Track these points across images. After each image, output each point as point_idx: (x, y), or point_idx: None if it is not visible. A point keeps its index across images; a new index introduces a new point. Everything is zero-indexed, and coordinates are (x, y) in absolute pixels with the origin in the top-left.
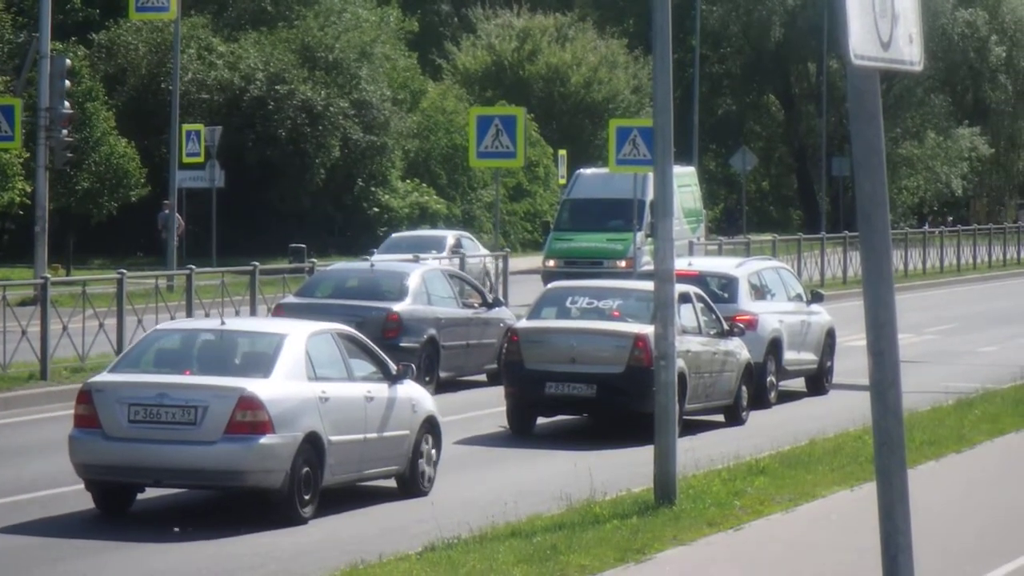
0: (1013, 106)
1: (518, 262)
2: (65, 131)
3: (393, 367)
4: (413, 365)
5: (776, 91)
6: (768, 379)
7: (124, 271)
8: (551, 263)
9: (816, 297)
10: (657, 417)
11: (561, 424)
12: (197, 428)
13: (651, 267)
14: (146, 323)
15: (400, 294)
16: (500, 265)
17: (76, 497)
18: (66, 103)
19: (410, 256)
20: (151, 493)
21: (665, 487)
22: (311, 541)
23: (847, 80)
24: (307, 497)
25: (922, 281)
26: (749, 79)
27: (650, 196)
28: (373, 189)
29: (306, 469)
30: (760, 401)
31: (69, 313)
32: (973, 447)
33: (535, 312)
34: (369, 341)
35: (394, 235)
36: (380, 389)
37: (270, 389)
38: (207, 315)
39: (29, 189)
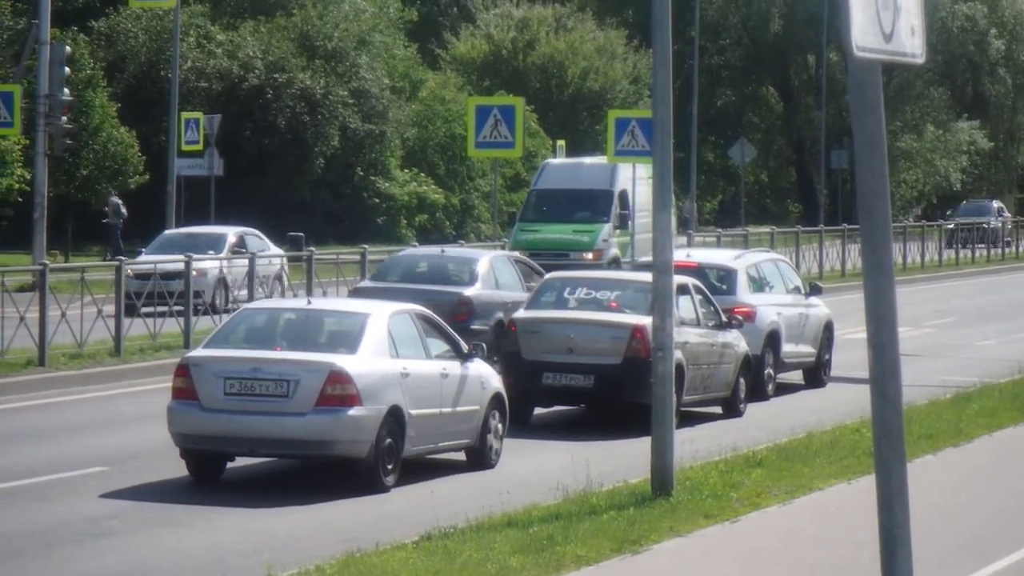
0: (1012, 100)
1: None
2: (64, 118)
3: (464, 346)
4: (483, 344)
5: (775, 83)
6: (766, 371)
7: (123, 258)
8: (515, 254)
9: (814, 290)
10: (654, 408)
11: (558, 415)
12: (289, 400)
13: (648, 258)
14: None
15: (470, 279)
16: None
17: (83, 481)
18: (65, 90)
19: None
20: (238, 462)
21: (662, 478)
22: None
23: (848, 72)
24: (390, 467)
25: (921, 275)
26: (748, 71)
27: (619, 187)
28: (372, 178)
29: (389, 440)
30: (758, 393)
31: (67, 300)
32: (971, 441)
33: (533, 302)
34: (443, 321)
35: (167, 232)
36: (453, 367)
37: (357, 364)
38: (206, 305)
39: (28, 176)
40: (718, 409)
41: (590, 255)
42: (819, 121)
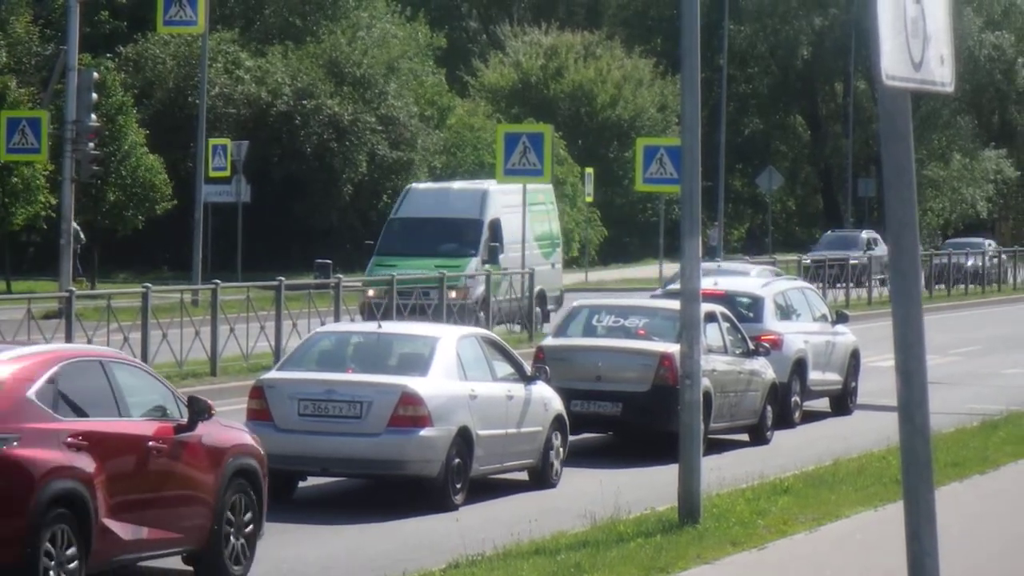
0: None
1: None
2: (91, 144)
3: (528, 369)
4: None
5: (803, 111)
6: (793, 399)
7: (149, 285)
8: (371, 293)
9: (841, 318)
10: (682, 436)
11: (587, 442)
12: (362, 421)
13: (676, 286)
14: (170, 337)
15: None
16: (526, 283)
17: None
18: (93, 116)
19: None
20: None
21: (689, 506)
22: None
23: (878, 101)
24: (458, 486)
25: (947, 303)
26: (776, 99)
27: (490, 216)
28: None
29: (458, 460)
30: (785, 421)
31: (94, 327)
32: (997, 468)
33: (561, 330)
34: (507, 345)
35: None
36: (518, 389)
37: (428, 386)
38: (231, 330)
39: (54, 202)
40: (745, 437)
41: (454, 293)
42: (846, 149)
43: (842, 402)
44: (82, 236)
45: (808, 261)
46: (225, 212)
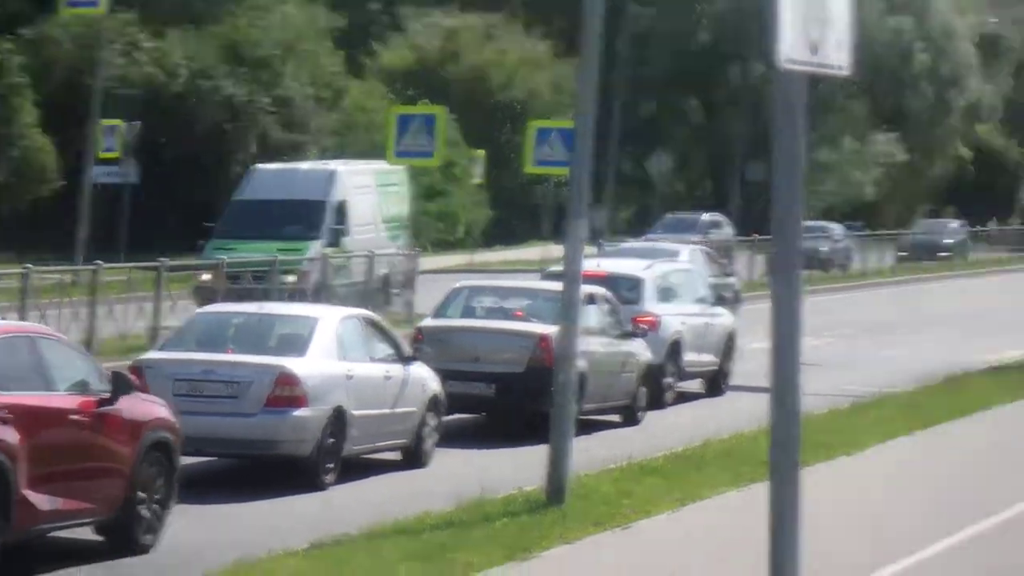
0: (931, 113)
1: (429, 262)
2: None
3: (407, 349)
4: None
5: (698, 95)
6: (666, 380)
7: (30, 265)
8: (204, 276)
9: (720, 300)
10: (554, 417)
11: (462, 422)
12: (239, 401)
13: (557, 268)
14: (48, 319)
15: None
16: (410, 265)
17: None
18: None
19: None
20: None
21: (557, 486)
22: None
23: (774, 84)
24: (330, 466)
25: (826, 285)
26: (672, 82)
27: (336, 197)
28: None
29: (331, 440)
30: (657, 402)
31: None
32: (864, 450)
33: (440, 311)
34: (387, 325)
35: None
36: (396, 369)
37: (306, 366)
38: (110, 310)
39: None
40: (617, 417)
41: (292, 277)
42: (738, 133)
43: (715, 383)
44: None
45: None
46: (114, 193)
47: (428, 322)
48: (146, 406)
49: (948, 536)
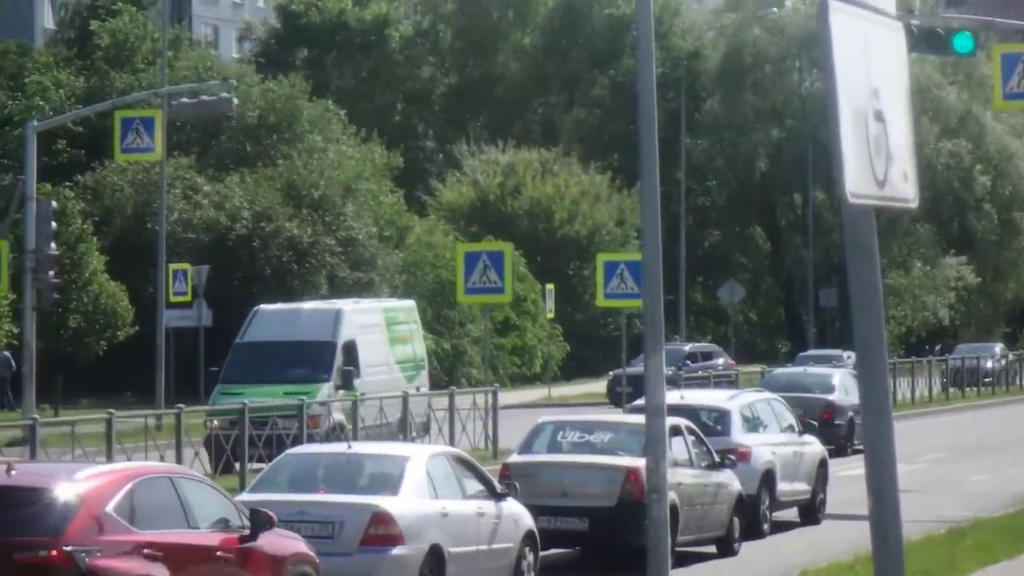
0: (999, 235)
1: (507, 397)
2: (52, 272)
3: (498, 486)
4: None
5: (762, 223)
6: (762, 510)
7: (113, 411)
8: (215, 422)
9: (807, 427)
10: (650, 551)
11: (557, 557)
12: (334, 541)
13: (642, 401)
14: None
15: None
16: (489, 400)
17: None
18: (52, 244)
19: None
20: None
21: None
22: None
23: (842, 219)
24: None
25: (911, 410)
26: (735, 211)
27: (344, 338)
28: None
29: None
30: (755, 532)
31: (58, 453)
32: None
33: (526, 446)
34: (476, 462)
35: None
36: (488, 506)
37: (399, 505)
38: (196, 454)
39: (16, 331)
40: (713, 549)
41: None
42: (807, 260)
43: (811, 511)
44: (12, 364)
45: None
46: (186, 336)
47: (515, 458)
48: (286, 542)
49: None
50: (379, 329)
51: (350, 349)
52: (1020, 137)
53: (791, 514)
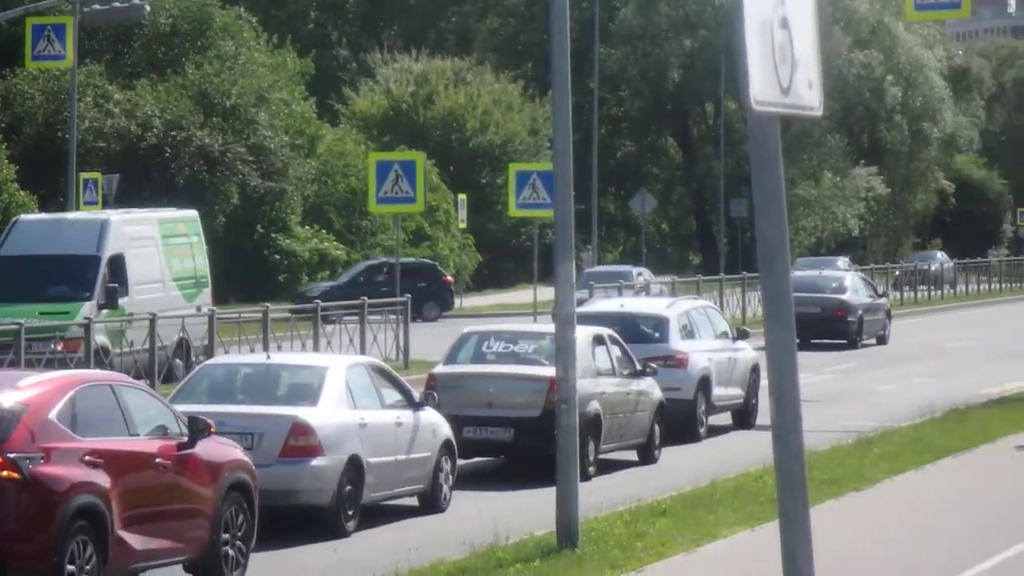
0: (909, 146)
1: None
2: None
3: (416, 395)
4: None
5: (674, 133)
6: (698, 414)
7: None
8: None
9: (742, 334)
10: (559, 461)
11: (476, 466)
12: (253, 452)
13: (582, 308)
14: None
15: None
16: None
17: None
18: None
19: None
20: None
21: (568, 530)
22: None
23: (748, 127)
24: (350, 513)
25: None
26: (647, 122)
27: (110, 251)
28: (273, 235)
29: (349, 487)
30: (691, 436)
31: None
32: (873, 485)
33: (450, 357)
34: (395, 372)
35: None
36: (406, 415)
37: (319, 416)
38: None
39: None
40: (634, 456)
41: (61, 345)
42: (718, 170)
43: (744, 416)
44: None
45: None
46: None
47: (440, 368)
48: (223, 448)
49: (971, 568)
50: (153, 242)
51: (117, 263)
52: (931, 48)
53: (724, 418)
